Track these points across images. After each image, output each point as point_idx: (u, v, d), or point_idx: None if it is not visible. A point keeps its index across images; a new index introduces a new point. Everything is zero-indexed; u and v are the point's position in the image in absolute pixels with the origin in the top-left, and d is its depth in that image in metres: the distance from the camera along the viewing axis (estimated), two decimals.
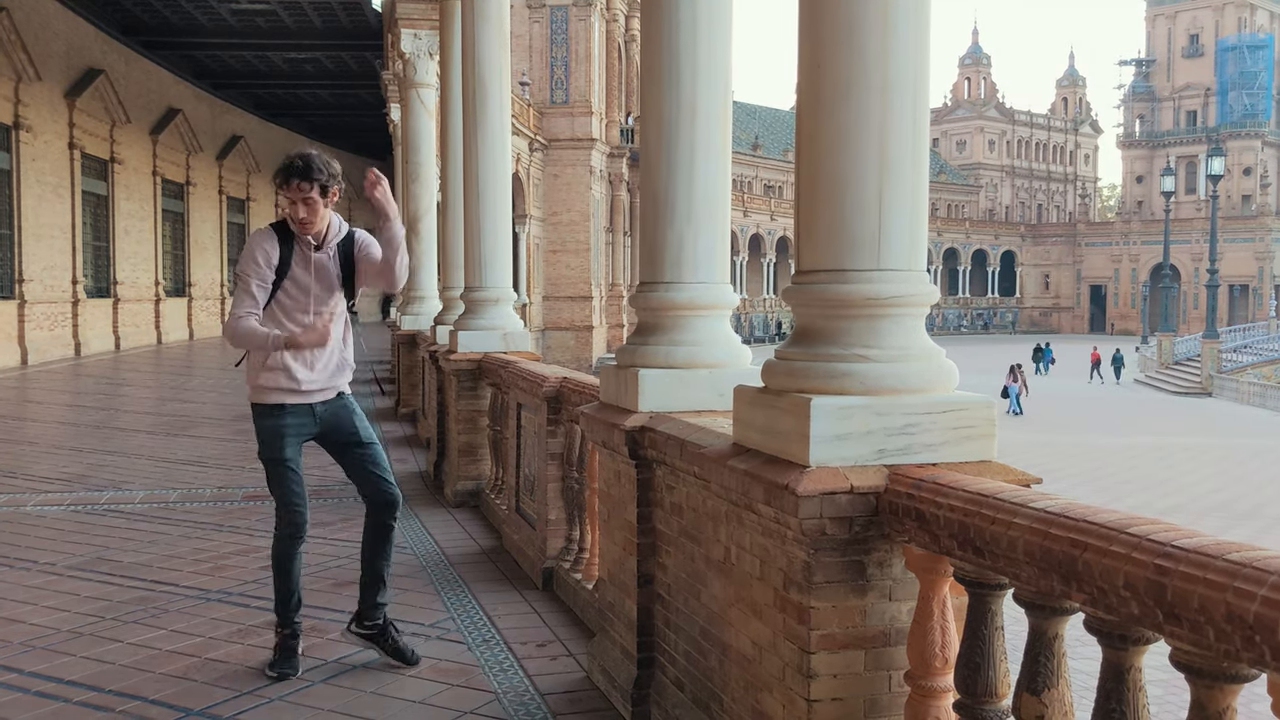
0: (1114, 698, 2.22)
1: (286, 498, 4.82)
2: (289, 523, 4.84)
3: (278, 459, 4.80)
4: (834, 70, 2.99)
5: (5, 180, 22.49)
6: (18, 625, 5.38)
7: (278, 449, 4.79)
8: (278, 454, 4.80)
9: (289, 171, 4.59)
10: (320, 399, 4.85)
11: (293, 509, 4.83)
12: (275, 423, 4.78)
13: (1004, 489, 2.58)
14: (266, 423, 4.79)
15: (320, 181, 4.61)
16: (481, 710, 4.34)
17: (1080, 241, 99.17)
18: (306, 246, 4.73)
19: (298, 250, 4.72)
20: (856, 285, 3.00)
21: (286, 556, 4.86)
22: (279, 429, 4.78)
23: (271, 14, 28.65)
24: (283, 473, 4.81)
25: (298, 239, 4.72)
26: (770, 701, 3.12)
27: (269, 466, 4.83)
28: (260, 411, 4.80)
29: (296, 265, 4.71)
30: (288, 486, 4.82)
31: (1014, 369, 41.02)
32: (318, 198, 4.63)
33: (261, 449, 4.84)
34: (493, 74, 8.76)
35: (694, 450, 3.65)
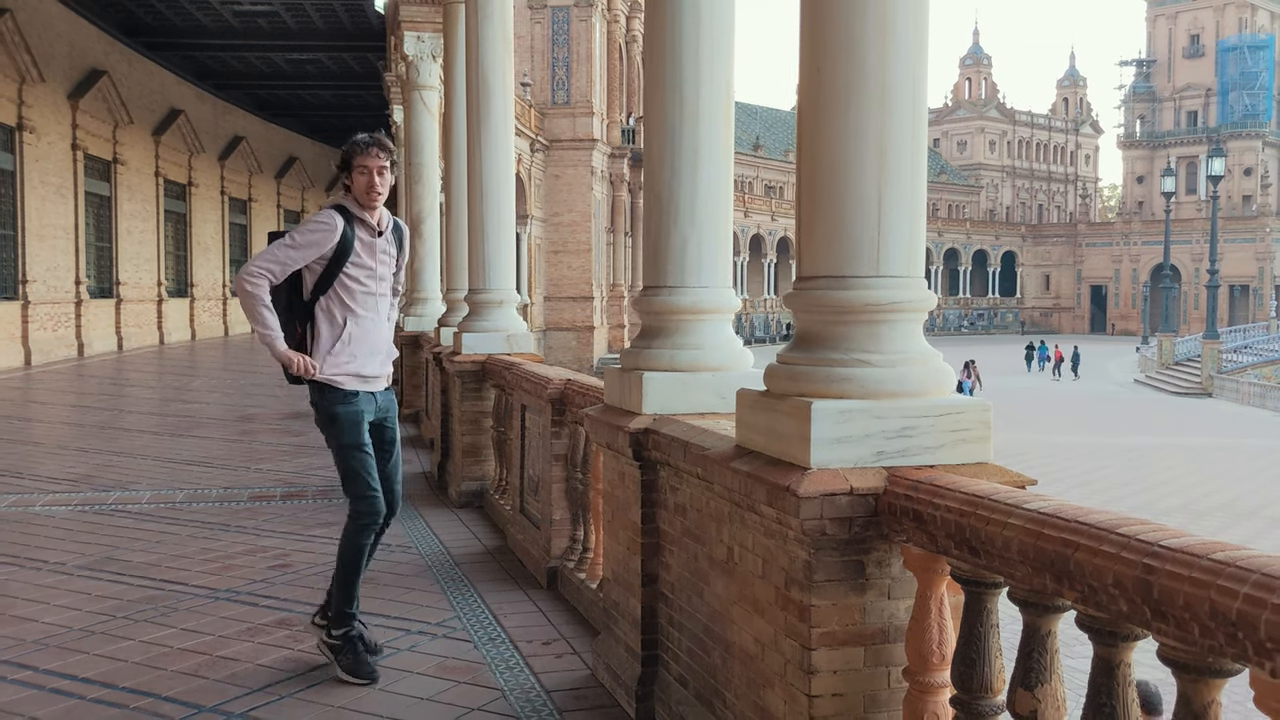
0: (1104, 692, 2.30)
1: (368, 486, 4.79)
2: (370, 511, 4.80)
3: (360, 444, 4.80)
4: (834, 80, 3.07)
5: (9, 181, 22.58)
6: (31, 624, 5.46)
7: (358, 433, 4.79)
8: (359, 438, 4.80)
9: (365, 143, 4.71)
10: (380, 387, 4.93)
11: (374, 497, 4.80)
12: (353, 408, 4.79)
13: (999, 490, 2.66)
14: (346, 410, 4.78)
15: (392, 155, 4.78)
16: (489, 707, 4.42)
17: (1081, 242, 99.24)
18: (369, 231, 4.80)
19: (360, 235, 4.77)
20: (856, 291, 3.08)
21: (363, 549, 4.82)
22: (358, 416, 4.80)
23: (274, 15, 28.73)
24: (364, 459, 4.80)
25: (361, 223, 4.78)
26: (772, 697, 3.20)
27: (349, 454, 4.79)
28: (336, 398, 4.78)
29: (360, 249, 4.77)
30: (370, 473, 4.80)
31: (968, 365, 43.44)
32: (388, 169, 4.76)
33: (342, 436, 4.78)
34: (496, 77, 8.84)
35: (697, 452, 3.73)
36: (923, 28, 3.08)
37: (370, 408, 4.86)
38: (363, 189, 4.73)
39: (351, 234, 4.73)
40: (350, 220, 4.75)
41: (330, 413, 4.80)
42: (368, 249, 4.78)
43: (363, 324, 4.82)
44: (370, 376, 4.85)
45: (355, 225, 4.76)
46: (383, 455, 4.95)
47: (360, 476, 4.79)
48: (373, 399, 4.88)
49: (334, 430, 4.80)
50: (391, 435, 5.00)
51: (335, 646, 4.77)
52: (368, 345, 4.82)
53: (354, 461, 4.79)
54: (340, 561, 4.85)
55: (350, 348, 4.77)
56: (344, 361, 4.77)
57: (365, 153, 4.70)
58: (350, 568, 4.82)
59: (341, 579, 4.83)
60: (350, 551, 4.83)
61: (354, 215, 4.76)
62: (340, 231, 4.70)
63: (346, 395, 4.78)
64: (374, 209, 4.80)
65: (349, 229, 4.73)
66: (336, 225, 4.71)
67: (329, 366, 4.76)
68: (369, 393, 4.86)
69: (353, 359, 4.78)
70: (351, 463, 4.79)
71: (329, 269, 4.73)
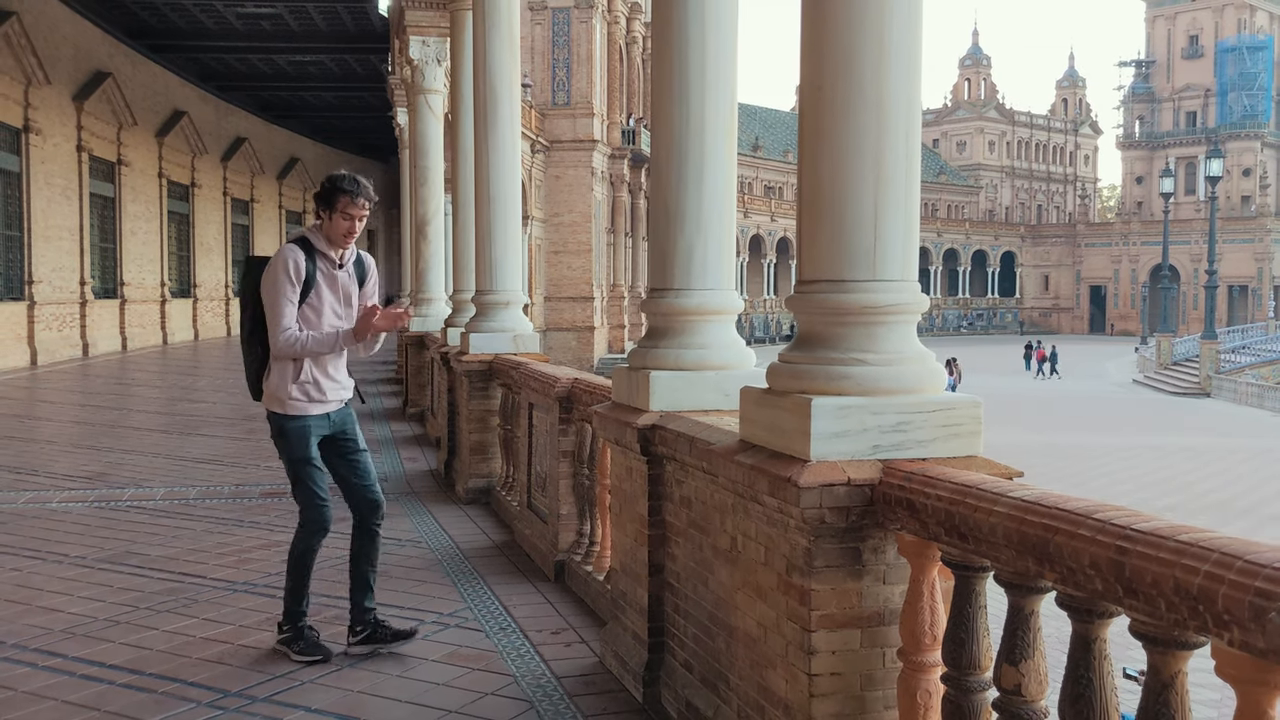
0: (1082, 665, 2.49)
1: (316, 496, 5.08)
2: (318, 519, 5.09)
3: (308, 459, 5.06)
4: (833, 98, 3.27)
5: (15, 183, 22.79)
6: (57, 614, 5.65)
7: (307, 450, 5.06)
8: (307, 454, 5.06)
9: (353, 190, 4.89)
10: (336, 406, 5.15)
11: (321, 507, 5.09)
12: (302, 425, 5.04)
13: (986, 480, 2.85)
14: (294, 425, 5.03)
15: (373, 204, 4.99)
16: (502, 692, 4.61)
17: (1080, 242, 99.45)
18: (330, 265, 5.01)
19: (321, 268, 4.98)
20: (854, 294, 3.28)
21: (310, 553, 5.14)
22: (306, 431, 5.05)
23: (276, 17, 28.95)
24: (311, 472, 5.08)
25: (322, 256, 4.99)
26: (774, 677, 3.40)
27: (299, 467, 5.07)
28: (289, 419, 5.04)
29: (322, 282, 4.98)
30: (318, 485, 5.09)
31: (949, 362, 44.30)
32: (367, 216, 4.98)
33: (291, 451, 5.06)
34: (503, 82, 9.02)
35: (703, 447, 3.93)
36: (916, 49, 3.27)
37: (322, 424, 5.10)
38: (341, 233, 4.95)
39: (313, 268, 4.95)
40: (312, 254, 4.97)
41: (280, 427, 5.07)
42: (329, 281, 5.01)
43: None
44: (324, 401, 5.09)
45: (317, 259, 4.98)
46: (349, 464, 5.20)
47: (307, 487, 5.08)
48: (325, 418, 5.11)
49: (283, 444, 5.09)
50: (353, 445, 5.23)
51: (287, 639, 5.07)
52: (325, 371, 5.06)
53: (302, 473, 5.08)
54: (290, 564, 5.16)
55: (310, 373, 5.01)
56: (306, 384, 5.01)
57: (354, 202, 4.90)
58: (299, 571, 5.12)
59: (291, 580, 5.13)
60: (299, 556, 5.14)
61: (316, 249, 4.98)
62: (303, 265, 4.92)
63: (300, 416, 5.05)
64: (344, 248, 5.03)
65: (310, 263, 4.94)
66: (297, 259, 4.91)
67: (292, 391, 5.00)
68: (321, 415, 5.10)
69: (314, 384, 5.02)
70: (300, 474, 5.08)
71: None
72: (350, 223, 4.93)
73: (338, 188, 4.89)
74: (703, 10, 4.53)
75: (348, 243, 5.00)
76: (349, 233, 4.95)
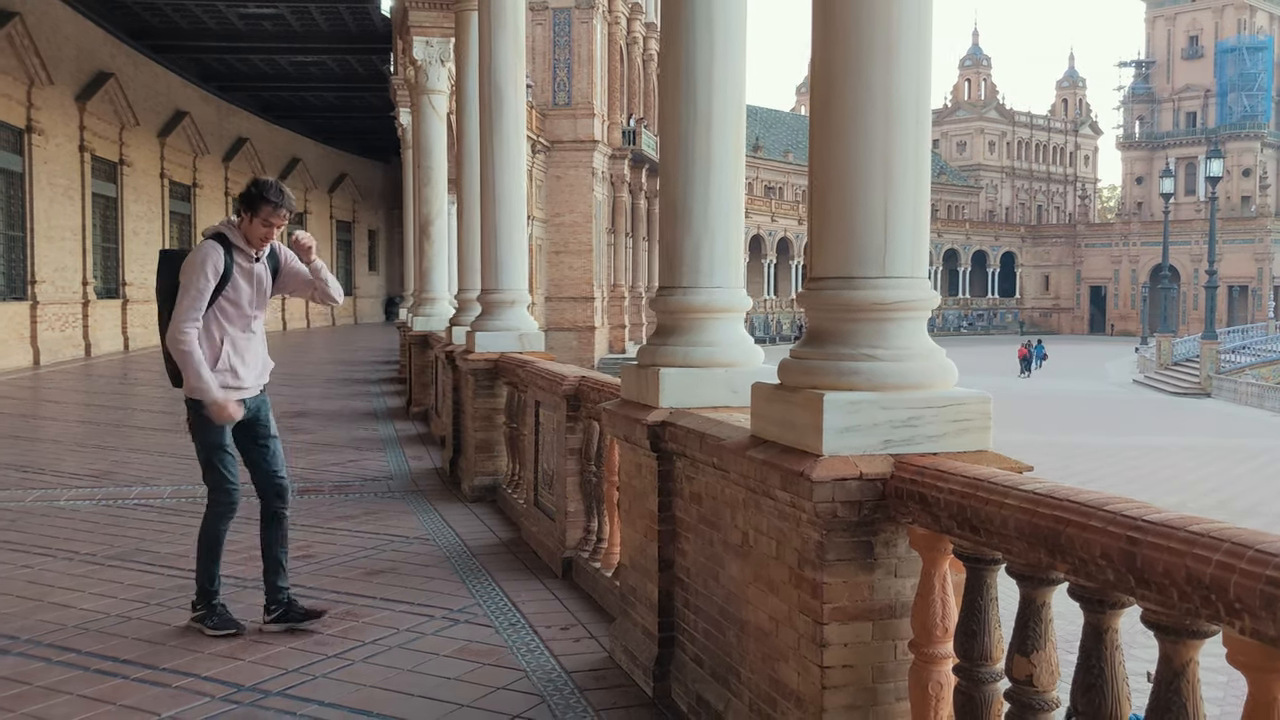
0: (1094, 656, 2.53)
1: (226, 480, 5.42)
2: (227, 502, 5.45)
3: (222, 444, 5.38)
4: (843, 99, 3.31)
5: (18, 183, 22.82)
6: (69, 610, 5.69)
7: (221, 436, 5.37)
8: (222, 440, 5.37)
9: (278, 201, 5.19)
10: (251, 394, 5.43)
11: (231, 490, 5.45)
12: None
13: (997, 474, 2.89)
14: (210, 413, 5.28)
15: (294, 213, 5.36)
16: (513, 686, 4.65)
17: (1080, 243, 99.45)
18: (246, 259, 5.31)
19: (238, 262, 5.28)
20: (864, 291, 3.32)
21: (221, 534, 5.50)
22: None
23: (278, 17, 29.00)
24: (224, 458, 5.40)
25: (239, 251, 5.28)
26: (786, 670, 3.43)
27: (212, 452, 5.37)
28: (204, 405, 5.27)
29: (239, 275, 5.28)
30: (229, 470, 5.43)
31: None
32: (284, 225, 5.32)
33: (206, 436, 5.35)
34: (508, 83, 9.06)
35: (714, 443, 3.96)
36: (926, 47, 3.31)
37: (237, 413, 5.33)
38: (258, 238, 5.28)
39: (230, 262, 5.25)
40: (230, 249, 5.26)
41: (197, 413, 5.33)
42: (245, 274, 5.31)
43: (238, 342, 5.35)
44: (241, 388, 5.36)
45: (234, 253, 5.27)
46: (260, 450, 5.53)
47: (219, 471, 5.41)
48: (241, 405, 5.35)
49: (199, 427, 5.36)
50: (265, 432, 5.53)
51: (200, 616, 5.36)
52: (242, 359, 5.36)
53: (215, 458, 5.39)
54: (200, 545, 5.48)
55: (228, 360, 5.30)
56: (224, 372, 5.28)
57: (276, 213, 5.22)
58: (210, 551, 5.46)
59: (202, 561, 5.45)
60: (209, 536, 5.48)
61: (233, 244, 5.27)
62: (221, 261, 5.22)
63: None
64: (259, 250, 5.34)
65: (228, 257, 5.24)
66: (218, 255, 5.21)
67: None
68: (240, 400, 5.35)
69: (231, 372, 5.31)
70: (213, 459, 5.39)
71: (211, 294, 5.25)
72: (269, 230, 5.26)
73: (264, 196, 5.17)
74: (710, 9, 4.58)
75: (263, 246, 5.31)
76: (265, 239, 5.29)
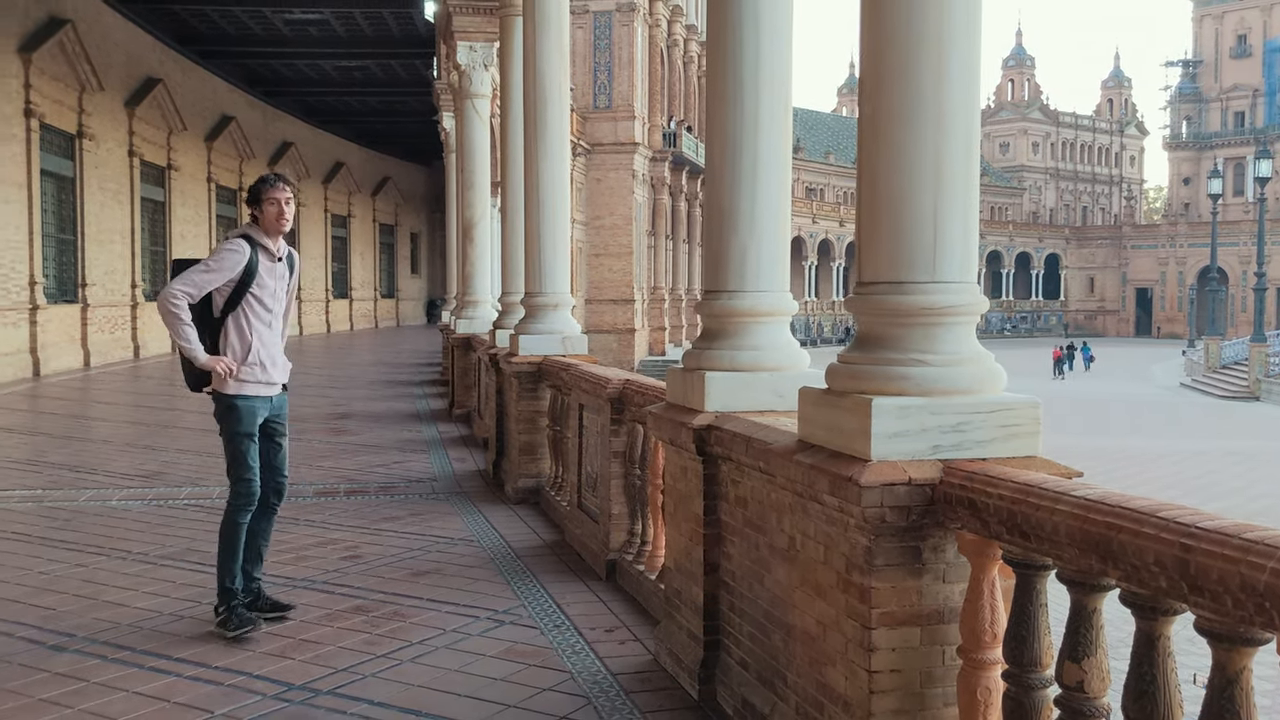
0: (1146, 663, 2.52)
1: (251, 471, 5.53)
2: (247, 494, 5.54)
3: (249, 433, 5.52)
4: (892, 104, 3.31)
5: (69, 187, 23.20)
6: (123, 609, 5.80)
7: (252, 426, 5.52)
8: (252, 430, 5.52)
9: (272, 179, 5.51)
10: (276, 390, 5.64)
11: (251, 481, 5.54)
12: (250, 404, 5.52)
13: (1047, 480, 2.89)
14: (244, 403, 5.49)
15: (294, 188, 5.59)
16: (559, 688, 4.68)
17: (1126, 244, 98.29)
18: (270, 258, 5.53)
19: (264, 259, 5.51)
20: (913, 296, 3.32)
21: (242, 527, 5.55)
22: (253, 410, 5.53)
23: (323, 23, 29.33)
24: (250, 447, 5.53)
25: (264, 250, 5.50)
26: (834, 674, 3.44)
27: (239, 442, 5.50)
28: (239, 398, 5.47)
29: (264, 273, 5.50)
30: (253, 460, 5.54)
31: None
32: (293, 199, 5.55)
33: (237, 426, 5.48)
34: (552, 87, 9.11)
35: (760, 446, 3.98)
36: (975, 54, 3.31)
37: (265, 406, 5.58)
38: (273, 217, 5.48)
39: (256, 259, 5.48)
40: (255, 247, 5.49)
41: (229, 405, 5.50)
42: (270, 272, 5.54)
43: (266, 336, 5.55)
44: (271, 383, 5.57)
45: (259, 251, 5.50)
46: (273, 447, 5.68)
47: (244, 462, 5.52)
48: (268, 401, 5.58)
49: (230, 419, 5.51)
50: (281, 430, 5.72)
51: (222, 620, 5.39)
52: (270, 354, 5.56)
53: (241, 447, 5.51)
54: (220, 541, 5.56)
55: (258, 355, 5.50)
56: (254, 366, 5.48)
57: (274, 187, 5.48)
58: (230, 547, 5.53)
59: (222, 556, 5.53)
60: (229, 530, 5.55)
61: (258, 243, 5.50)
62: (248, 256, 5.44)
63: (248, 395, 5.50)
64: (279, 235, 5.56)
65: (254, 255, 5.47)
66: (245, 251, 5.45)
67: (242, 373, 5.48)
68: (267, 396, 5.56)
69: (260, 366, 5.50)
70: (240, 448, 5.51)
71: (238, 289, 5.46)
72: (278, 206, 5.47)
73: (260, 183, 5.50)
74: (757, 11, 4.58)
75: (281, 226, 5.50)
76: (279, 215, 5.48)
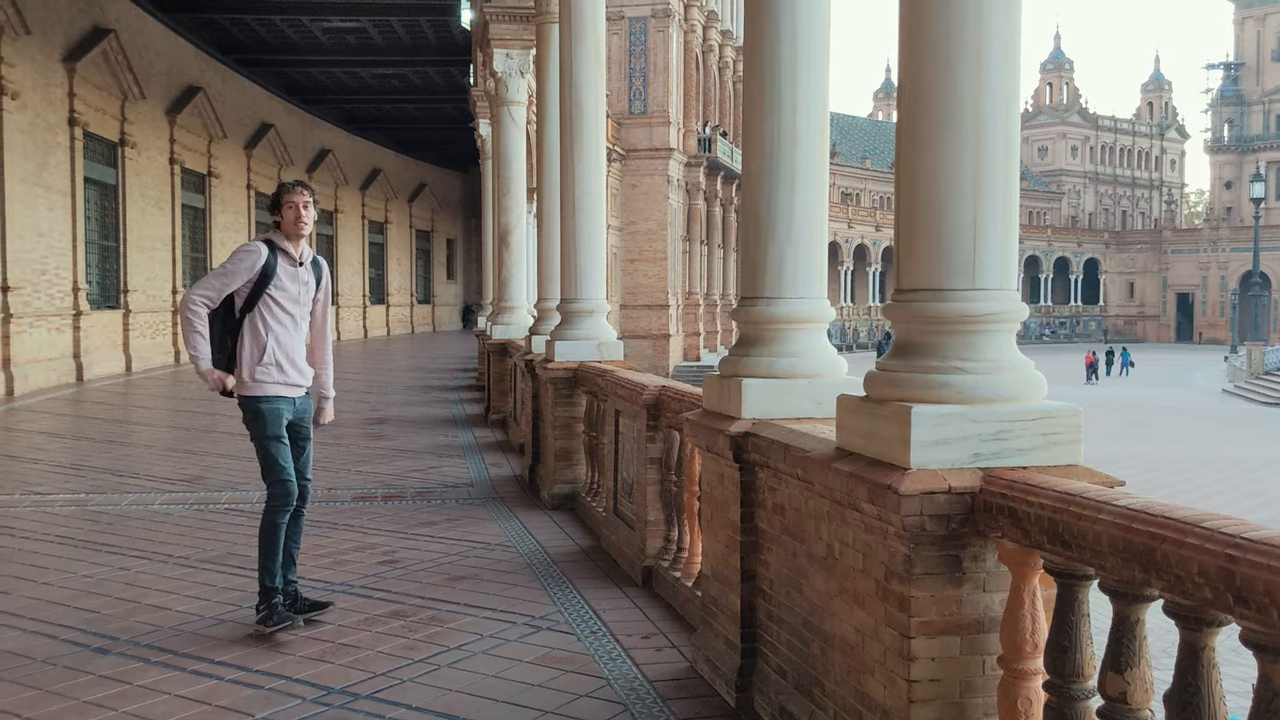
0: (1190, 674, 2.50)
1: (285, 471, 5.58)
2: (285, 494, 5.59)
3: (279, 436, 5.57)
4: (932, 107, 3.30)
5: (112, 195, 23.51)
6: (165, 612, 5.87)
7: (279, 428, 5.58)
8: (279, 431, 5.57)
9: (292, 184, 5.63)
10: (299, 393, 5.70)
11: (287, 481, 5.59)
12: (274, 406, 5.57)
13: (1090, 489, 2.86)
14: (268, 406, 5.55)
15: (313, 192, 5.66)
16: (596, 694, 4.69)
17: (1166, 249, 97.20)
18: (290, 262, 5.58)
19: (283, 263, 5.57)
20: (953, 303, 3.31)
21: (280, 527, 5.59)
22: (278, 412, 5.58)
23: (361, 31, 29.56)
24: (279, 448, 5.58)
25: (284, 254, 5.57)
26: (872, 683, 3.43)
27: (270, 444, 5.55)
28: (260, 400, 5.54)
29: (283, 275, 5.56)
30: (285, 460, 5.59)
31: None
32: (311, 204, 5.63)
33: (264, 429, 5.55)
34: (588, 94, 9.14)
35: (798, 454, 3.97)
36: (1015, 60, 3.29)
37: (289, 409, 5.63)
38: (291, 220, 5.58)
39: (274, 261, 5.55)
40: (274, 250, 5.56)
41: (254, 410, 5.56)
42: (289, 275, 5.60)
43: (282, 337, 5.59)
44: (292, 383, 5.62)
45: (278, 255, 5.57)
46: (297, 450, 5.72)
47: (277, 464, 5.58)
48: (292, 402, 5.64)
49: (256, 423, 5.57)
50: (305, 433, 5.78)
51: (263, 618, 5.46)
52: (287, 355, 5.60)
53: (272, 450, 5.57)
54: (260, 541, 5.61)
55: (274, 355, 5.54)
56: (270, 366, 5.53)
57: (291, 191, 5.59)
58: (269, 546, 5.57)
59: (263, 557, 5.57)
60: (267, 531, 5.59)
61: (278, 246, 5.58)
62: (264, 258, 5.52)
63: (269, 396, 5.55)
64: (300, 239, 5.63)
65: (272, 257, 5.54)
66: (261, 252, 5.53)
67: (258, 373, 5.53)
68: (289, 397, 5.62)
69: (276, 366, 5.55)
70: (271, 451, 5.57)
71: (255, 290, 5.53)
72: (295, 210, 5.56)
73: (278, 189, 5.62)
74: (795, 21, 4.58)
75: (300, 229, 5.58)
76: (298, 219, 5.57)
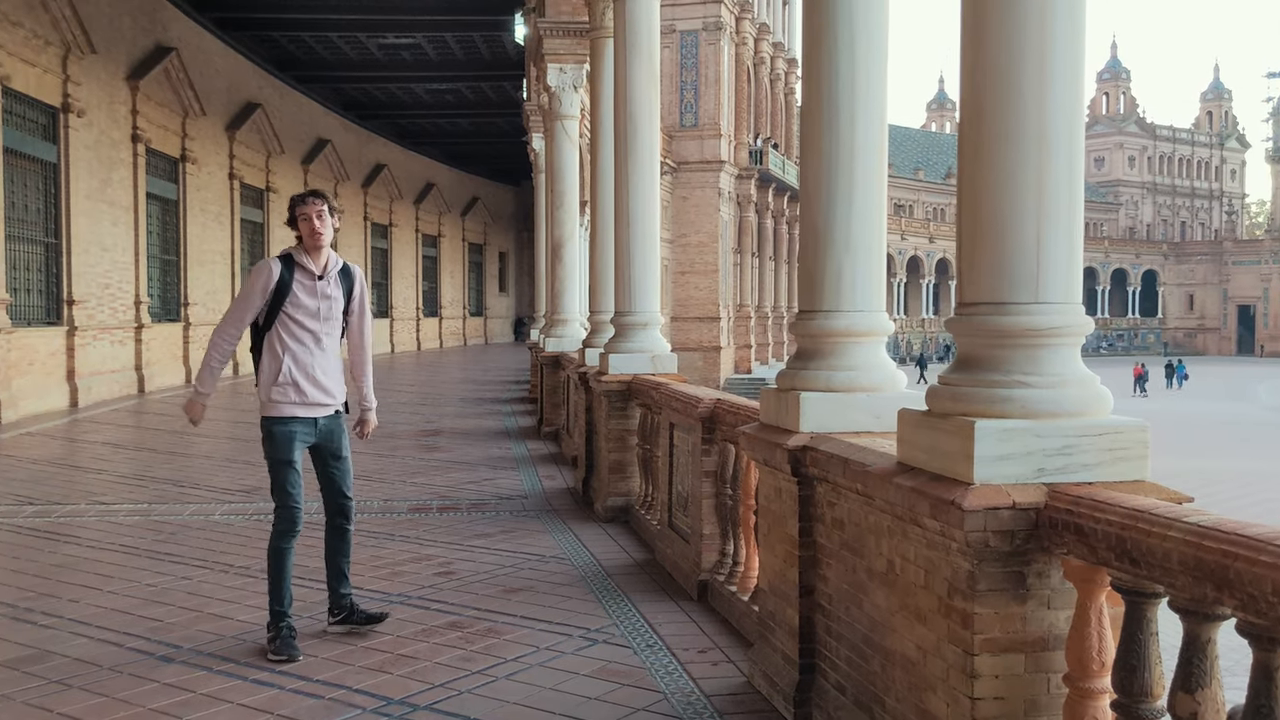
0: (1263, 694, 2.45)
1: (290, 498, 5.52)
2: (289, 519, 5.53)
3: (286, 459, 5.48)
4: (994, 120, 3.28)
5: (172, 210, 23.97)
6: (227, 621, 5.95)
7: (288, 452, 5.48)
8: (286, 455, 5.48)
9: (305, 196, 5.48)
10: (323, 414, 5.55)
11: (293, 508, 5.53)
12: (286, 429, 5.48)
13: (1158, 505, 2.82)
14: (279, 429, 5.47)
15: (327, 202, 5.49)
16: (653, 708, 4.69)
17: (1227, 260, 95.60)
18: (309, 276, 5.45)
19: (299, 279, 5.44)
20: (1016, 317, 3.28)
21: (285, 552, 5.56)
22: (289, 435, 5.48)
23: (416, 47, 29.93)
24: (288, 473, 5.50)
25: (300, 268, 5.44)
26: (935, 701, 3.39)
27: (278, 468, 5.49)
28: (273, 419, 5.47)
29: (299, 290, 5.43)
30: (293, 487, 5.51)
31: None
32: (326, 213, 5.44)
33: (273, 452, 5.48)
34: (642, 108, 9.19)
35: (857, 468, 3.95)
36: (1078, 71, 3.26)
37: (309, 432, 5.52)
38: (307, 232, 5.44)
39: (289, 276, 5.41)
40: (291, 265, 5.44)
41: (268, 430, 5.50)
42: (307, 290, 5.45)
43: (301, 356, 5.45)
44: (312, 403, 5.48)
45: (295, 270, 5.44)
46: (330, 468, 5.68)
47: (283, 488, 5.51)
48: (312, 424, 5.52)
49: (267, 445, 5.51)
50: (337, 451, 5.68)
51: (270, 638, 5.39)
52: (306, 375, 5.46)
53: (279, 474, 5.50)
54: (267, 565, 5.58)
55: (290, 375, 5.42)
56: (285, 386, 5.43)
57: (304, 203, 5.44)
58: (275, 570, 5.52)
59: (269, 580, 5.53)
60: (272, 555, 5.56)
61: (297, 261, 5.45)
62: (276, 275, 5.39)
63: (282, 417, 5.45)
64: (318, 250, 5.48)
65: (286, 272, 5.41)
66: (271, 269, 5.42)
67: (273, 393, 5.44)
68: (308, 418, 5.49)
69: (293, 386, 5.43)
70: (278, 475, 5.51)
71: (271, 308, 5.43)
72: (309, 222, 5.41)
73: (290, 202, 5.50)
74: (853, 33, 4.58)
75: (317, 240, 5.43)
76: (312, 231, 5.41)
